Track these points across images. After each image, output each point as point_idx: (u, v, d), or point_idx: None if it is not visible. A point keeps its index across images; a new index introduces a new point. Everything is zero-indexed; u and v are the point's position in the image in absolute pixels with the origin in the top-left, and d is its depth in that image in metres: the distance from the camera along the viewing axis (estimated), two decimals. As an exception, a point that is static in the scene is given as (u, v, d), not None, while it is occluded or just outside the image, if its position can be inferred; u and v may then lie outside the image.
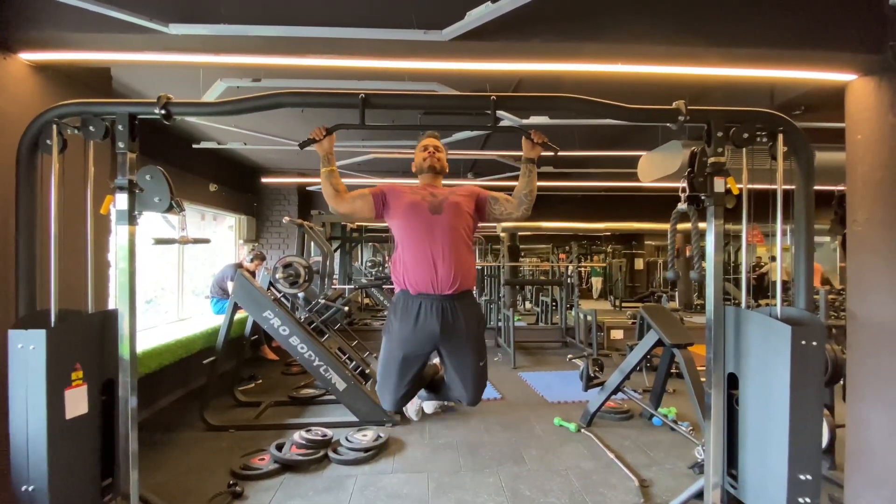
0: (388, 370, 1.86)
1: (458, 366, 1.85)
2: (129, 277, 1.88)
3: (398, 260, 1.85)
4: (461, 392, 1.91)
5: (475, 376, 1.87)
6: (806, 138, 1.92)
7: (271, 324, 3.49)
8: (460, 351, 1.82)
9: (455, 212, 1.85)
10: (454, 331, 1.77)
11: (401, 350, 1.81)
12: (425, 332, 1.76)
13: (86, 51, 2.11)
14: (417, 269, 1.77)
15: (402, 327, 1.78)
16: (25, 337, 1.67)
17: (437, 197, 1.88)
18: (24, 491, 1.67)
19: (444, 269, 1.75)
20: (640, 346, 3.45)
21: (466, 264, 1.83)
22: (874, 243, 2.15)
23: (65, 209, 1.88)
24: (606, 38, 2.08)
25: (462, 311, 1.79)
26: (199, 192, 5.47)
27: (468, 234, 1.89)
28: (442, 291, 1.76)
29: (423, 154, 1.97)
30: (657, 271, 13.08)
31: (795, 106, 3.71)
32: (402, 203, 1.87)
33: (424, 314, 1.76)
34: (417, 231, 1.80)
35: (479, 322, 1.85)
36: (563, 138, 3.96)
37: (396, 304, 1.83)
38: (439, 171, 1.94)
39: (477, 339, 1.85)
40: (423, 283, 1.76)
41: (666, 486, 2.67)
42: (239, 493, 2.54)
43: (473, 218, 1.93)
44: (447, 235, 1.79)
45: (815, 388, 1.74)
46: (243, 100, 1.90)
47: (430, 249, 1.77)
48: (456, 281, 1.76)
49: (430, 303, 1.76)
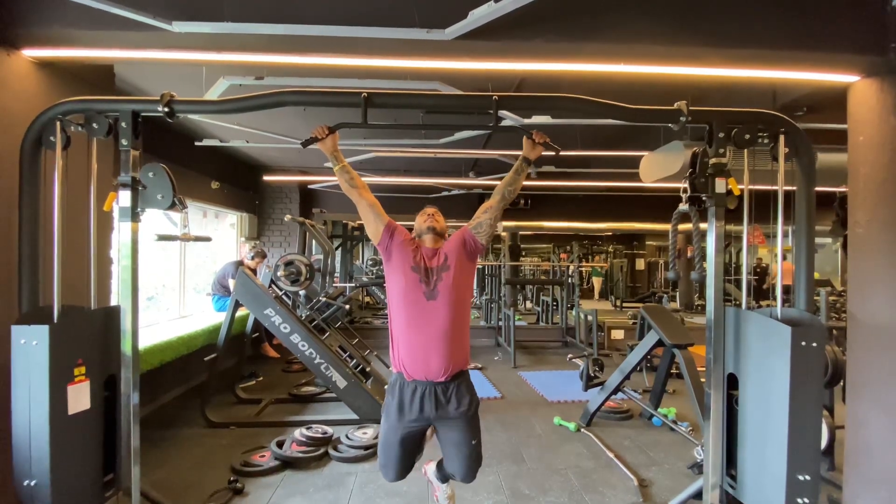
0: (387, 450, 1.94)
1: (451, 444, 1.93)
2: (132, 274, 1.89)
3: (394, 341, 1.89)
4: (454, 469, 1.98)
5: (468, 455, 1.92)
6: (808, 139, 1.92)
7: (272, 321, 3.50)
8: (453, 431, 1.89)
9: (451, 294, 1.83)
10: (447, 413, 1.84)
11: (397, 432, 1.89)
12: (421, 416, 1.84)
13: (89, 48, 2.12)
14: (411, 358, 1.83)
15: (400, 412, 1.85)
16: (28, 332, 1.68)
17: (432, 276, 1.84)
18: (26, 486, 1.68)
19: (437, 361, 1.81)
20: (640, 346, 3.46)
21: (460, 351, 1.87)
22: (876, 245, 2.14)
23: (68, 206, 1.89)
24: (608, 37, 2.09)
25: (455, 393, 1.85)
26: (202, 190, 5.48)
27: (466, 306, 1.90)
28: (435, 379, 1.82)
29: (424, 218, 1.96)
30: (658, 272, 13.08)
31: (797, 107, 3.70)
32: (402, 270, 1.84)
33: (419, 400, 1.83)
34: (411, 319, 1.83)
35: (471, 402, 1.89)
36: (564, 138, 3.96)
37: (393, 385, 1.90)
38: (439, 232, 1.93)
39: (470, 419, 1.89)
40: (417, 372, 1.83)
41: (665, 485, 2.67)
42: (240, 489, 2.55)
43: (470, 269, 1.93)
44: (441, 327, 1.81)
45: (814, 389, 1.75)
46: (246, 98, 1.90)
47: (423, 342, 1.81)
48: (448, 370, 1.82)
49: (424, 388, 1.83)
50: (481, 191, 7.38)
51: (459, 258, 1.87)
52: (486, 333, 6.97)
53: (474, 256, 1.92)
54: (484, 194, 7.58)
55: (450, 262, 1.85)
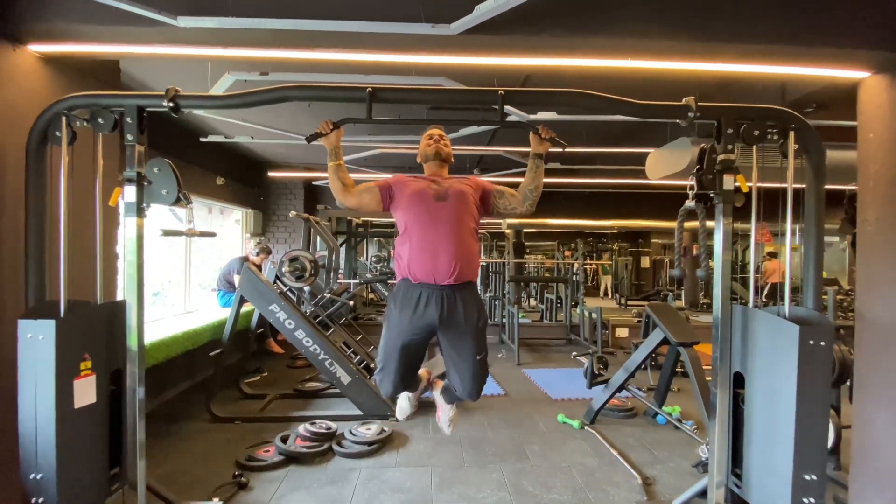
0: (387, 357, 1.87)
1: (456, 358, 1.84)
2: (138, 269, 1.90)
3: (400, 248, 1.84)
4: (458, 385, 1.90)
5: (473, 369, 1.84)
6: (818, 136, 1.89)
7: (277, 317, 3.51)
8: (459, 342, 1.81)
9: (460, 199, 1.84)
10: (453, 321, 1.76)
11: (400, 338, 1.81)
12: (424, 321, 1.75)
13: (94, 43, 2.12)
14: (419, 257, 1.76)
15: (401, 316, 1.78)
16: (35, 327, 1.69)
17: (442, 185, 1.87)
18: (32, 479, 1.69)
19: (445, 257, 1.74)
20: (645, 345, 3.44)
21: (469, 254, 1.80)
22: (885, 243, 2.12)
23: (74, 201, 1.89)
24: (615, 32, 2.06)
25: (462, 301, 1.78)
26: (206, 186, 5.50)
27: (473, 223, 1.87)
28: (442, 281, 1.75)
29: (429, 142, 1.96)
30: (663, 269, 13.01)
31: (807, 103, 3.66)
32: (407, 191, 1.86)
33: (424, 303, 1.75)
34: (421, 218, 1.79)
35: (479, 314, 1.81)
36: (570, 134, 3.94)
37: (397, 292, 1.83)
38: (445, 158, 1.94)
39: (476, 331, 1.81)
40: (424, 271, 1.75)
41: (669, 484, 2.66)
42: (244, 483, 2.56)
43: (478, 208, 1.91)
44: (450, 223, 1.78)
45: (822, 389, 1.73)
46: (251, 93, 1.90)
47: (432, 238, 1.76)
48: (456, 270, 1.74)
49: (430, 292, 1.75)
50: (486, 188, 7.36)
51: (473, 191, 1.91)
52: (490, 330, 6.93)
53: (484, 205, 1.94)
54: (488, 191, 7.55)
55: (464, 185, 1.89)
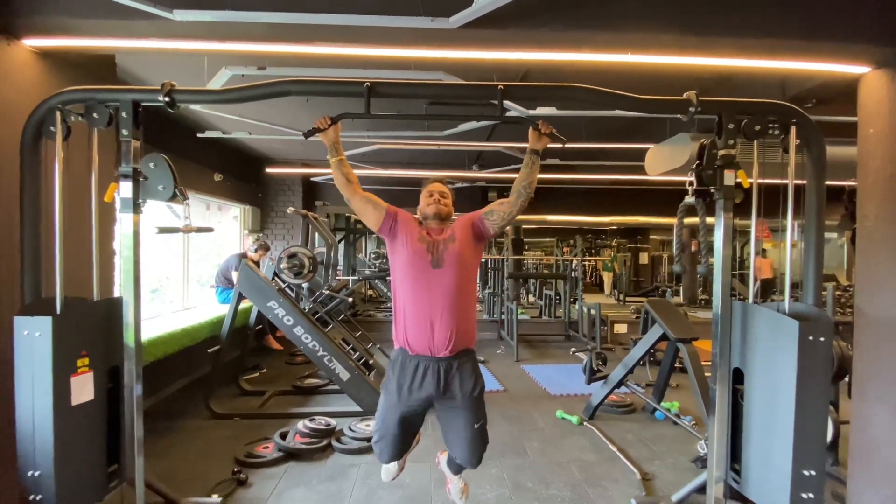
0: (385, 427, 1.87)
1: (453, 427, 1.85)
2: (134, 266, 1.89)
3: (397, 315, 1.83)
4: (458, 454, 1.90)
5: (471, 438, 1.84)
6: (819, 131, 1.89)
7: (276, 314, 3.50)
8: (456, 413, 1.82)
9: (456, 264, 1.79)
10: (450, 393, 1.77)
11: (398, 409, 1.82)
12: (422, 393, 1.77)
13: (89, 37, 2.10)
14: (415, 330, 1.76)
15: (400, 388, 1.78)
16: (31, 324, 1.67)
17: (438, 248, 1.80)
18: (30, 476, 1.68)
19: (442, 332, 1.74)
20: (644, 341, 3.44)
21: (465, 325, 1.79)
22: (884, 239, 2.12)
23: (69, 197, 1.88)
24: (616, 26, 2.05)
25: (459, 372, 1.78)
26: (204, 182, 5.47)
27: (471, 279, 1.85)
28: (439, 353, 1.75)
29: (428, 200, 1.88)
30: (662, 266, 13.03)
31: (806, 99, 3.65)
32: (409, 242, 1.81)
33: (421, 376, 1.76)
34: (416, 289, 1.77)
35: (476, 383, 1.81)
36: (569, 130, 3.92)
37: (395, 361, 1.83)
38: (444, 217, 1.88)
39: (474, 401, 1.81)
40: (421, 345, 1.75)
41: (668, 479, 2.67)
42: (243, 480, 2.56)
43: (476, 248, 1.89)
44: (447, 295, 1.75)
45: (821, 384, 1.73)
46: (247, 87, 1.88)
47: (428, 310, 1.75)
48: (453, 342, 1.75)
49: (427, 364, 1.76)
50: (485, 184, 7.35)
51: (466, 235, 1.84)
52: (489, 327, 6.96)
53: (482, 239, 1.89)
54: (487, 187, 7.54)
55: (457, 235, 1.82)
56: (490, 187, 7.53)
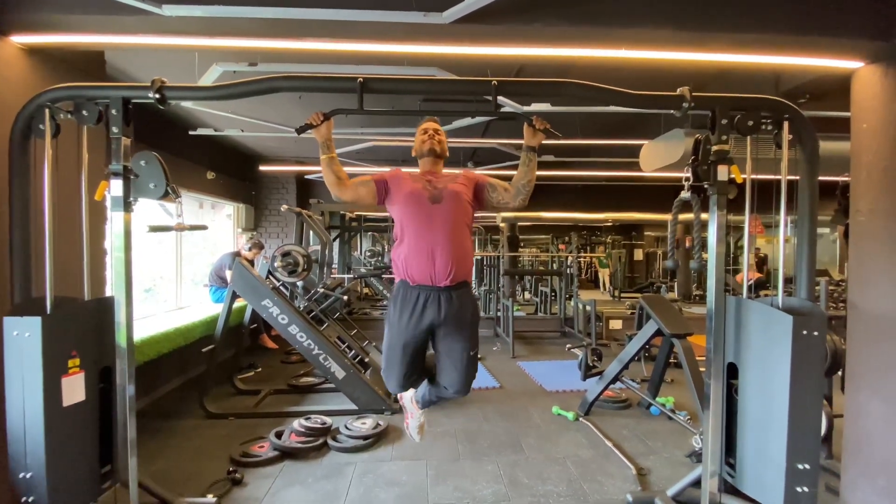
0: (391, 356, 1.95)
1: (450, 352, 1.92)
2: (125, 265, 1.87)
3: (397, 249, 1.89)
4: (449, 379, 1.96)
5: (466, 364, 1.92)
6: (812, 126, 1.89)
7: (270, 312, 3.48)
8: (454, 339, 1.89)
9: (455, 200, 1.88)
10: (450, 320, 1.85)
11: (401, 337, 1.89)
12: (423, 321, 1.84)
13: (78, 33, 2.07)
14: (416, 261, 1.82)
15: (401, 317, 1.86)
16: (21, 324, 1.66)
17: (436, 185, 1.90)
18: (22, 478, 1.67)
19: (442, 261, 1.81)
20: (639, 336, 3.45)
21: (463, 256, 1.87)
22: (877, 233, 2.13)
23: (59, 195, 1.85)
24: (610, 21, 2.04)
25: (458, 301, 1.86)
26: (197, 180, 5.43)
27: (467, 223, 1.93)
28: (439, 283, 1.83)
29: (423, 137, 1.97)
30: (657, 262, 13.09)
31: (800, 94, 3.67)
32: (403, 190, 1.89)
33: (423, 305, 1.83)
34: (417, 222, 1.84)
35: (473, 312, 1.92)
36: (564, 126, 3.91)
37: (396, 294, 1.90)
38: (440, 154, 1.96)
39: (470, 328, 1.91)
40: (422, 275, 1.82)
41: (663, 474, 2.68)
42: (238, 479, 2.55)
43: (472, 205, 1.96)
44: (446, 227, 1.83)
45: (815, 378, 1.74)
46: (239, 84, 1.86)
47: (429, 242, 1.82)
48: (452, 272, 1.82)
49: (428, 294, 1.83)
50: (480, 181, 7.33)
51: (468, 187, 1.92)
52: (484, 324, 6.97)
53: (477, 201, 1.96)
54: (482, 184, 7.52)
55: (458, 180, 1.91)
56: (485, 185, 7.51)
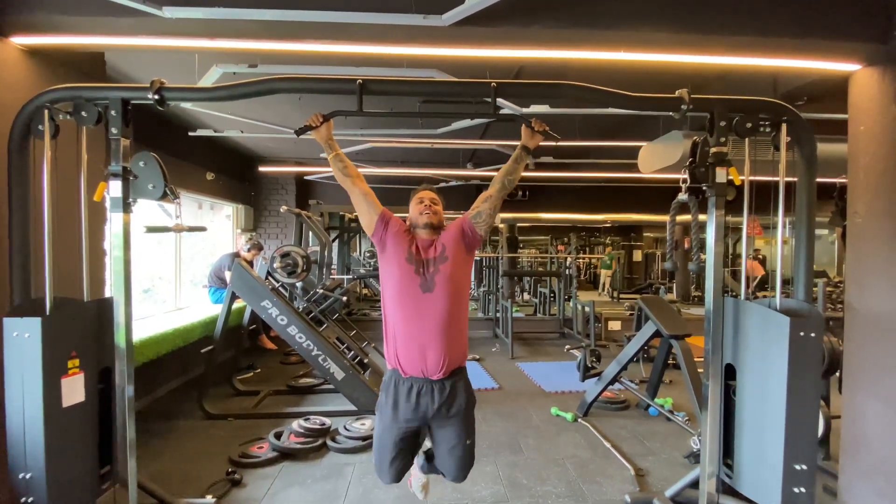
0: (383, 448, 1.87)
1: (445, 443, 1.87)
2: (125, 265, 1.87)
3: (388, 334, 1.81)
4: (447, 468, 1.92)
5: (462, 455, 1.87)
6: (810, 128, 1.90)
7: (269, 313, 3.48)
8: (448, 430, 1.84)
9: (448, 285, 1.76)
10: (443, 411, 1.79)
11: (392, 432, 1.82)
12: (417, 413, 1.78)
13: (79, 35, 2.07)
14: (406, 355, 1.76)
15: (395, 410, 1.79)
16: (20, 325, 1.66)
17: (429, 268, 1.77)
18: (21, 479, 1.67)
19: (434, 357, 1.74)
20: (637, 338, 3.46)
21: (458, 347, 1.80)
22: (874, 235, 2.14)
23: (58, 196, 1.85)
24: (609, 24, 2.05)
25: (452, 391, 1.79)
26: (196, 181, 5.43)
27: (463, 298, 1.83)
28: (432, 376, 1.76)
29: (420, 208, 1.84)
30: (655, 263, 13.11)
31: (798, 97, 3.68)
32: (396, 261, 1.77)
33: (416, 397, 1.76)
34: (406, 312, 1.75)
35: (468, 400, 1.84)
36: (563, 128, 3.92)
37: (388, 383, 1.83)
38: (436, 226, 1.83)
39: (465, 417, 1.84)
40: (413, 368, 1.76)
41: (662, 475, 2.69)
42: (238, 480, 2.55)
43: (468, 260, 1.86)
44: (437, 319, 1.73)
45: (812, 379, 1.75)
46: (238, 85, 1.87)
47: (419, 338, 1.74)
48: (445, 366, 1.76)
49: (421, 386, 1.76)
50: (479, 182, 7.34)
51: (457, 250, 1.79)
52: (483, 325, 6.97)
53: (473, 248, 1.85)
54: (482, 185, 7.52)
55: (447, 253, 1.78)
56: (484, 185, 7.47)
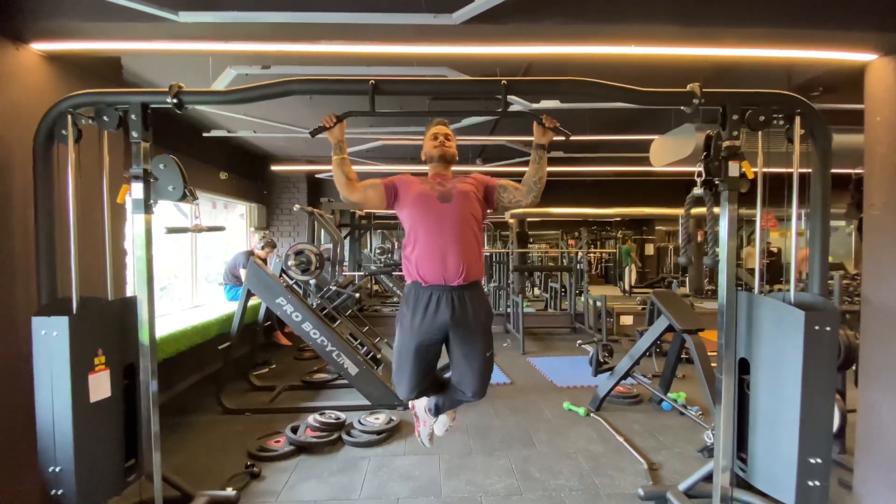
0: (402, 359, 1.90)
1: (465, 355, 1.89)
2: (147, 265, 1.92)
3: (408, 252, 1.87)
4: (467, 382, 1.93)
5: (481, 365, 1.90)
6: (824, 120, 1.88)
7: (284, 310, 3.54)
8: (469, 340, 1.86)
9: (464, 200, 1.87)
10: (463, 320, 1.82)
11: (413, 340, 1.85)
12: (436, 322, 1.81)
13: (96, 40, 2.12)
14: (428, 262, 1.81)
15: (414, 318, 1.83)
16: (48, 324, 1.72)
17: (445, 186, 1.89)
18: (51, 472, 1.73)
19: (454, 261, 1.79)
20: (650, 332, 3.45)
21: (475, 255, 1.85)
22: (891, 227, 2.11)
23: (82, 199, 1.91)
24: (620, 18, 2.04)
25: (471, 301, 1.84)
26: (210, 181, 5.51)
27: (477, 223, 1.91)
28: (451, 283, 1.80)
29: (433, 143, 1.95)
30: (668, 257, 12.96)
31: (813, 87, 3.62)
32: (412, 193, 1.89)
33: (435, 305, 1.81)
34: (427, 222, 1.83)
35: (486, 312, 1.89)
36: (573, 122, 3.91)
37: (408, 295, 1.87)
38: (449, 159, 1.94)
39: (485, 329, 1.88)
40: (434, 275, 1.80)
41: (675, 469, 2.69)
42: (256, 473, 2.61)
43: (482, 206, 1.95)
44: (456, 226, 1.81)
45: (827, 373, 1.74)
46: (253, 88, 1.90)
47: (440, 242, 1.80)
48: (464, 271, 1.80)
49: (441, 294, 1.81)
50: (489, 178, 7.34)
51: (477, 188, 1.92)
52: (495, 320, 6.93)
53: (487, 202, 1.96)
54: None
55: (467, 181, 1.92)
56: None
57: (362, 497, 2.43)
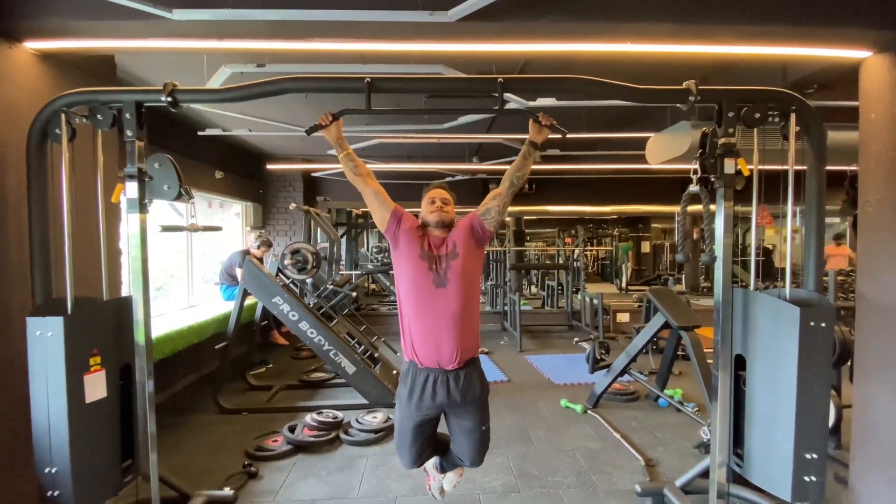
0: (402, 435, 1.96)
1: (461, 428, 1.94)
2: (142, 265, 1.91)
3: (404, 327, 1.87)
4: (464, 454, 2.00)
5: (478, 439, 1.95)
6: (819, 118, 1.89)
7: (281, 309, 3.53)
8: (465, 416, 1.91)
9: (460, 280, 1.81)
10: (459, 399, 1.86)
11: (412, 419, 1.90)
12: (434, 402, 1.85)
13: (90, 38, 2.11)
14: (423, 345, 1.83)
15: (411, 398, 1.86)
16: (43, 324, 1.70)
17: (441, 263, 1.82)
18: (47, 473, 1.72)
19: (448, 348, 1.81)
20: (646, 329, 3.47)
21: (470, 339, 1.87)
22: (886, 223, 2.12)
23: (76, 198, 1.89)
24: (615, 16, 2.04)
25: (466, 380, 1.86)
26: (206, 180, 5.48)
27: (475, 291, 1.88)
28: (447, 366, 1.83)
29: (431, 207, 1.88)
30: (664, 254, 13.01)
31: (808, 84, 3.63)
32: (409, 258, 1.82)
33: (432, 387, 1.84)
34: (420, 307, 1.82)
35: (482, 387, 1.91)
36: (569, 120, 3.92)
37: (406, 374, 1.90)
38: (448, 225, 1.88)
39: (480, 404, 1.91)
40: (429, 359, 1.83)
41: (672, 465, 2.71)
42: (254, 472, 2.61)
43: (478, 255, 1.90)
44: (450, 313, 1.80)
45: (822, 369, 1.75)
46: (248, 86, 1.89)
47: (434, 329, 1.80)
48: (459, 357, 1.82)
49: (437, 376, 1.84)
50: (485, 176, 7.33)
51: (468, 245, 1.84)
52: (492, 318, 7.00)
53: (483, 244, 1.89)
54: (488, 179, 7.53)
55: (458, 249, 1.82)
56: (491, 179, 7.51)
57: (360, 495, 2.44)
